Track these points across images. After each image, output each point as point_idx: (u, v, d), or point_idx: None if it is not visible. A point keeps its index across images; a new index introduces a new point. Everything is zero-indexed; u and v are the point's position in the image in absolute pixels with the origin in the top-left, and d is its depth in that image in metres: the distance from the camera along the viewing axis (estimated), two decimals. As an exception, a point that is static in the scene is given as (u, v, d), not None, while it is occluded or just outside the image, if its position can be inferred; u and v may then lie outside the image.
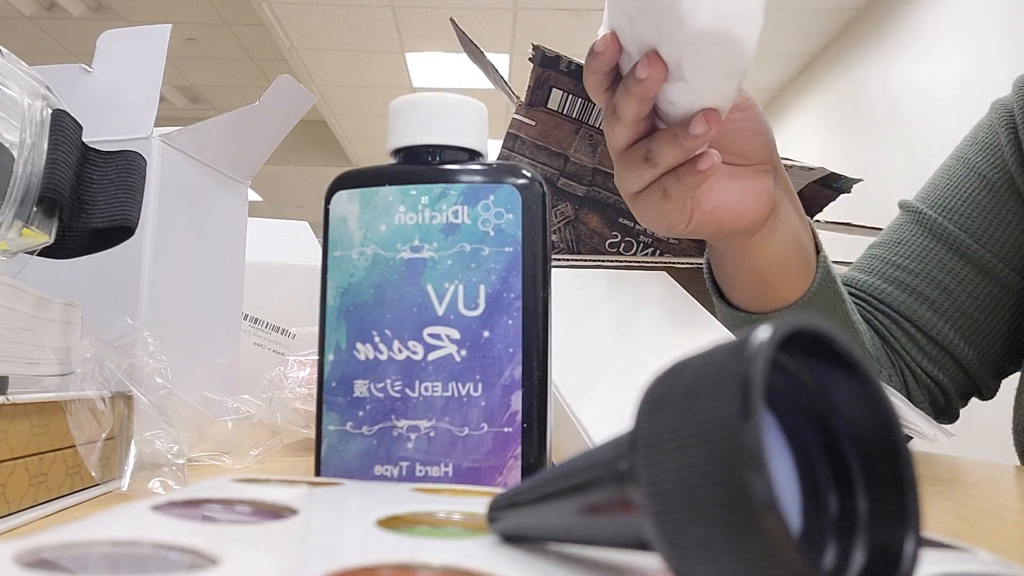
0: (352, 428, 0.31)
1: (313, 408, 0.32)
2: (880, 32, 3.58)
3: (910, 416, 0.43)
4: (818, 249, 0.58)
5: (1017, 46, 2.57)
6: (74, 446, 0.35)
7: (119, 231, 0.39)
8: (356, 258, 0.32)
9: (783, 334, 0.13)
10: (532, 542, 0.18)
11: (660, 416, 0.14)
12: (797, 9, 3.61)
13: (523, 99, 0.68)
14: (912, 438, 0.43)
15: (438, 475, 0.30)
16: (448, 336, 0.30)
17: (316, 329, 0.32)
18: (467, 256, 0.31)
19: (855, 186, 0.70)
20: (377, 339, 0.31)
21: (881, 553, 0.14)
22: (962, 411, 0.71)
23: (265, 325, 0.78)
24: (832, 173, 0.67)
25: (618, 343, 0.44)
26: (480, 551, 0.17)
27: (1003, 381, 0.71)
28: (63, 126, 0.36)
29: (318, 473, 0.31)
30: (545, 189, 0.31)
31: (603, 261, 0.67)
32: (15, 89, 0.35)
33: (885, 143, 3.49)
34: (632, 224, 0.71)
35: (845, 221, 0.76)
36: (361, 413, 0.31)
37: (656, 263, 0.67)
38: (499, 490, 0.20)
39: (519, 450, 0.30)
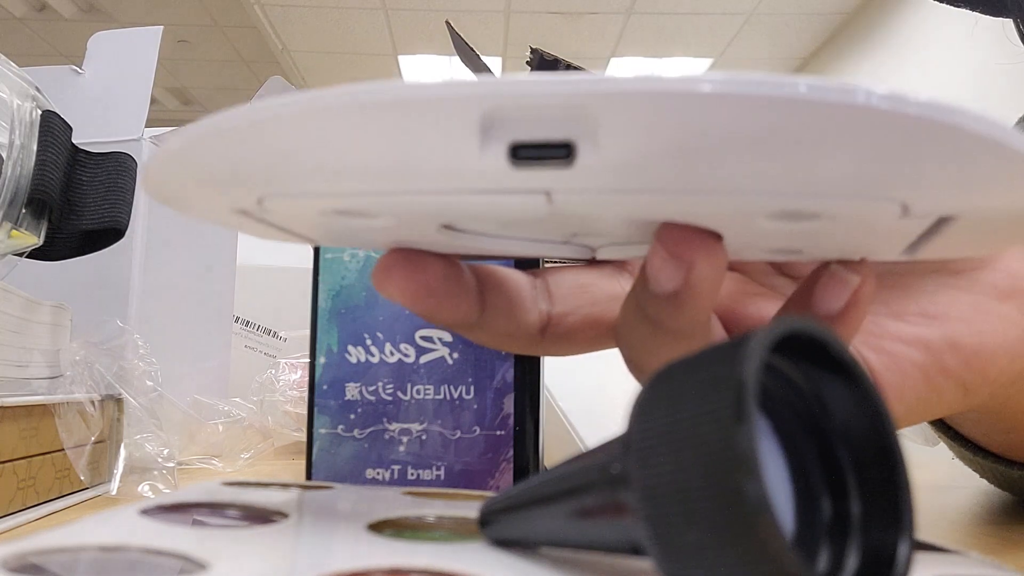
0: (343, 431, 0.30)
1: (304, 411, 0.31)
2: (870, 37, 3.60)
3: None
4: None
5: (1007, 52, 2.59)
6: (63, 449, 0.35)
7: (109, 233, 0.39)
8: (348, 260, 0.31)
9: (776, 336, 0.13)
10: (524, 546, 0.18)
11: (653, 419, 0.13)
12: (787, 13, 3.63)
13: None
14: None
15: (430, 478, 0.30)
16: (440, 339, 0.30)
17: (307, 332, 0.32)
18: (459, 258, 0.31)
19: None
20: (369, 342, 0.31)
21: (875, 556, 0.14)
22: None
23: (256, 328, 0.78)
24: None
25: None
26: (471, 555, 0.17)
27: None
28: (53, 127, 0.36)
29: (309, 476, 0.31)
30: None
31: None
32: (4, 90, 0.35)
33: (876, 147, 3.50)
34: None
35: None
36: (352, 416, 0.30)
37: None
38: (491, 494, 0.20)
39: (511, 453, 0.30)
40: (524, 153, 0.14)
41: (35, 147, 0.35)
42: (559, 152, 0.14)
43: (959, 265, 0.25)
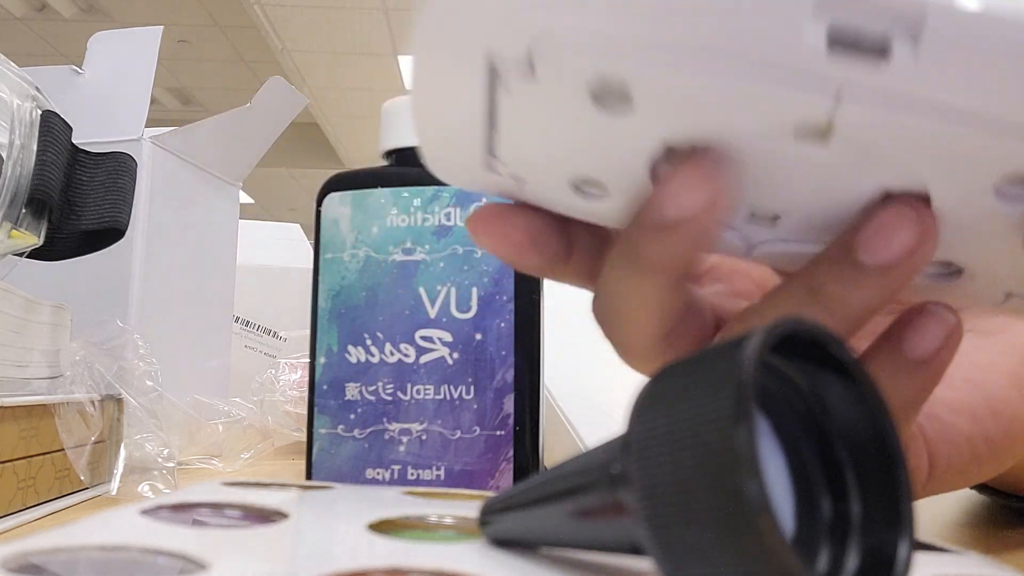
0: (343, 431, 0.30)
1: (304, 411, 0.31)
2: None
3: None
4: None
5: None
6: (63, 449, 0.35)
7: (109, 233, 0.39)
8: (348, 260, 0.31)
9: (776, 336, 0.13)
10: (524, 546, 0.18)
11: (653, 419, 0.13)
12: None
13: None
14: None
15: (430, 478, 0.30)
16: (440, 339, 0.30)
17: (308, 332, 0.32)
18: (459, 259, 0.31)
19: None
20: (369, 342, 0.31)
21: (875, 556, 0.14)
22: None
23: (256, 328, 0.78)
24: None
25: (611, 345, 0.44)
26: (472, 555, 0.17)
27: None
28: (53, 127, 0.36)
29: (309, 476, 0.31)
30: (538, 191, 0.31)
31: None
32: (4, 90, 0.35)
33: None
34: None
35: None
36: (352, 416, 0.30)
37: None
38: (491, 494, 0.20)
39: (511, 453, 0.30)
40: (841, 38, 0.13)
41: (35, 147, 0.35)
42: (875, 47, 0.13)
43: (989, 326, 0.25)
